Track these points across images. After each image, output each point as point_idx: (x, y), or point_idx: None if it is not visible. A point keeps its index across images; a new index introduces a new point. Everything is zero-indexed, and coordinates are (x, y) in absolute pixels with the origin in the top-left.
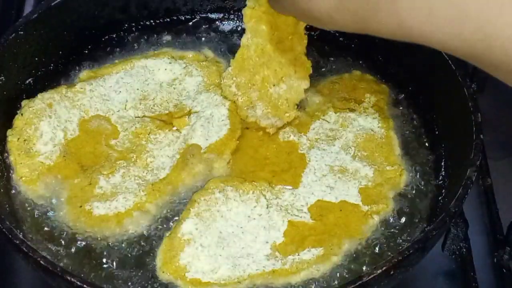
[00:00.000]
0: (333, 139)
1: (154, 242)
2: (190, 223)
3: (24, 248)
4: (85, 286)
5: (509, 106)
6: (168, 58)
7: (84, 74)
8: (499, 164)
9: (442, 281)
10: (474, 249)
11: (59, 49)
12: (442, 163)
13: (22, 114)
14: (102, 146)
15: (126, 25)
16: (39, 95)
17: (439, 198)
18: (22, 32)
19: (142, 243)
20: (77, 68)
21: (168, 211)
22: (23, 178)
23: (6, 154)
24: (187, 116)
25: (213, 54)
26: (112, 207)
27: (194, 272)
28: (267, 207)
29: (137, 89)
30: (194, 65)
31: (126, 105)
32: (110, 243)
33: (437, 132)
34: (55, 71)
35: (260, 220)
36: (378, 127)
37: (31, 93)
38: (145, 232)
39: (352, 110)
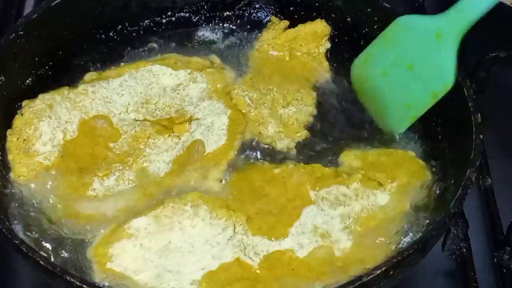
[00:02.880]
0: (339, 204)
1: None
2: (143, 221)
3: (24, 249)
4: (84, 286)
5: (509, 106)
6: (175, 63)
7: (88, 76)
8: (499, 164)
9: (442, 281)
10: (474, 249)
11: (59, 49)
12: (442, 163)
13: (22, 114)
14: (100, 148)
15: (127, 24)
16: (40, 96)
17: (439, 199)
18: (22, 32)
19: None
20: (78, 68)
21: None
22: (21, 177)
23: (5, 153)
24: (187, 123)
25: (220, 60)
26: (103, 209)
27: (116, 265)
28: (229, 239)
29: (140, 92)
30: (199, 71)
31: (127, 108)
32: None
33: (437, 133)
34: (55, 71)
35: (214, 247)
36: (391, 208)
37: (31, 93)
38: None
39: (379, 185)
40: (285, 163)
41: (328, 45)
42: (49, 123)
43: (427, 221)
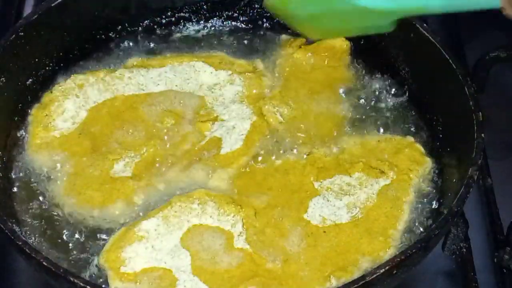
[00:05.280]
0: (344, 194)
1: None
2: (152, 222)
3: (27, 250)
4: (88, 287)
5: (509, 106)
6: (219, 63)
7: (130, 61)
8: (499, 164)
9: (442, 281)
10: (474, 249)
11: (60, 50)
12: (444, 163)
13: (51, 92)
14: (119, 131)
15: (127, 25)
16: (73, 76)
17: (441, 198)
18: (22, 34)
19: (109, 230)
20: (78, 68)
21: (152, 206)
22: (32, 148)
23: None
24: (211, 122)
25: (263, 66)
26: (103, 191)
27: (130, 268)
28: (239, 235)
29: (176, 85)
30: (239, 74)
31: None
32: (84, 223)
33: (438, 132)
34: (55, 71)
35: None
36: (395, 196)
37: (32, 94)
38: (120, 221)
39: (381, 172)
40: (285, 155)
41: (349, 58)
42: (74, 102)
43: (430, 221)
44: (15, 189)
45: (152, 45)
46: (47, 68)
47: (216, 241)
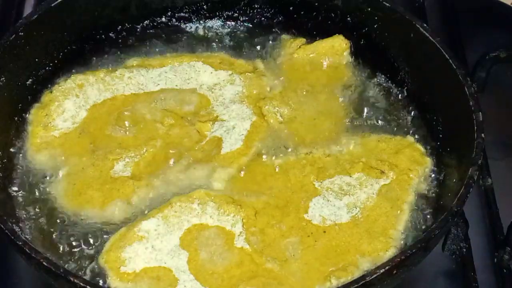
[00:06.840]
0: (344, 194)
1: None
2: (153, 222)
3: (27, 250)
4: (87, 287)
5: (509, 106)
6: (219, 63)
7: (130, 61)
8: (499, 164)
9: (442, 281)
10: (474, 249)
11: (60, 50)
12: (444, 163)
13: (51, 92)
14: (120, 131)
15: (127, 25)
16: (73, 76)
17: (441, 198)
18: (22, 33)
19: (109, 231)
20: (78, 68)
21: (152, 206)
22: (32, 147)
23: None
24: (211, 122)
25: (263, 66)
26: (103, 191)
27: (130, 268)
28: (239, 235)
29: (176, 85)
30: (239, 74)
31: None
32: (84, 223)
33: (438, 132)
34: (55, 71)
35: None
36: (395, 197)
37: (32, 94)
38: (120, 221)
39: (381, 173)
40: (285, 155)
41: (349, 58)
42: (74, 102)
43: (430, 221)
44: (15, 189)
45: (152, 45)
46: (47, 68)
47: (216, 241)
